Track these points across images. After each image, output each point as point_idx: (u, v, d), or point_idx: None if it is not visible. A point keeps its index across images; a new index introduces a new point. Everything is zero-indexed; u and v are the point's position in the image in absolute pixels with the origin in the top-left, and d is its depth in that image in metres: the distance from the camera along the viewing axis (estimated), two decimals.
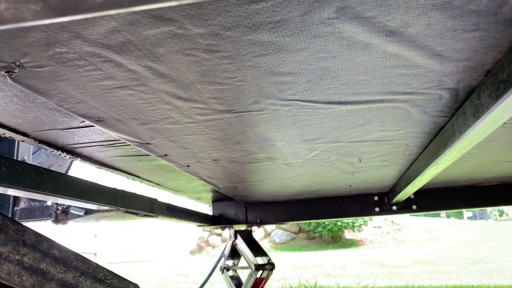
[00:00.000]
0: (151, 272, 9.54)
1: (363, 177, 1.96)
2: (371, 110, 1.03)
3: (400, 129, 1.21)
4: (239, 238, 2.50)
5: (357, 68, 0.79)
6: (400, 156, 1.56)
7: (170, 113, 0.96)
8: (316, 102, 0.96)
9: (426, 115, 1.09)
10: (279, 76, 0.80)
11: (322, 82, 0.85)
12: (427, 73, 0.83)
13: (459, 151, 1.19)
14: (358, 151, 1.45)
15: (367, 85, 0.88)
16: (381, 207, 2.54)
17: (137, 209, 1.57)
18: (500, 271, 6.87)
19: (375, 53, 0.74)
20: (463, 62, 0.80)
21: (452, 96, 0.96)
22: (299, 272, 7.75)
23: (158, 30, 0.61)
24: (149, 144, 1.19)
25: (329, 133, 1.22)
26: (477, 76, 0.86)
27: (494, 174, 2.14)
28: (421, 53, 0.74)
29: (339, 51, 0.72)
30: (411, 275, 6.78)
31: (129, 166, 1.67)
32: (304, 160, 1.54)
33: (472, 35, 0.70)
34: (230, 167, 1.59)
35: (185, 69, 0.74)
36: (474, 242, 11.30)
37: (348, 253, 10.16)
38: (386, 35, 0.68)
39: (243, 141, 1.24)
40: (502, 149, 1.55)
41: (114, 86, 0.80)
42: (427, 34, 0.68)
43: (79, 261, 0.71)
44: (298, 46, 0.69)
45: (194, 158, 1.40)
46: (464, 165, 1.83)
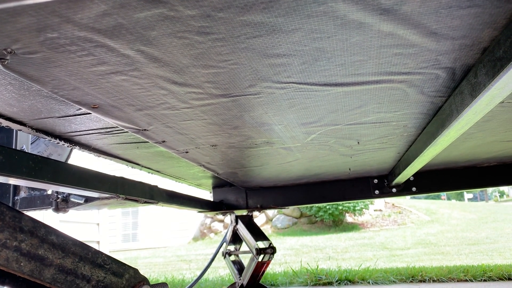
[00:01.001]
0: (155, 259, 9.63)
1: (362, 160, 1.97)
2: (367, 92, 1.03)
3: (397, 110, 1.20)
4: (240, 223, 2.51)
5: (352, 48, 0.78)
6: (399, 138, 1.56)
7: (166, 99, 0.95)
8: (312, 84, 0.95)
9: (423, 95, 1.08)
10: (274, 58, 0.80)
11: (318, 64, 0.84)
12: (423, 52, 0.82)
13: (457, 131, 1.18)
14: (356, 133, 1.45)
15: (363, 66, 0.87)
16: (380, 189, 2.55)
17: (137, 196, 1.57)
18: (501, 251, 6.93)
19: (369, 33, 0.73)
20: (459, 40, 0.79)
21: (449, 75, 0.96)
22: (301, 256, 7.81)
23: (149, 13, 0.61)
24: (146, 130, 1.19)
25: (326, 116, 1.22)
26: (474, 54, 0.86)
27: (494, 155, 2.14)
28: (417, 32, 0.74)
29: (334, 31, 0.71)
30: (412, 257, 6.84)
31: (128, 154, 1.67)
32: (303, 144, 1.54)
33: (467, 12, 0.69)
34: (229, 153, 1.59)
35: (178, 52, 0.74)
36: (474, 223, 11.37)
37: (349, 236, 10.24)
38: (380, 14, 0.67)
39: (241, 125, 1.23)
40: (500, 128, 1.54)
41: (108, 71, 0.79)
42: (422, 12, 0.67)
43: (77, 246, 0.71)
44: (291, 27, 0.69)
45: (192, 144, 1.40)
46: (463, 145, 1.82)
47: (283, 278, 3.56)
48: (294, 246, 9.36)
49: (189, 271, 6.14)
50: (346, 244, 9.09)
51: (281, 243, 9.86)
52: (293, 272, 3.63)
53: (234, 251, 2.72)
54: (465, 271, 3.13)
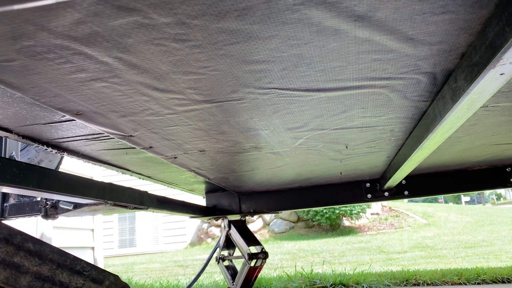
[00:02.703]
0: (151, 264, 9.60)
1: (352, 164, 1.97)
2: (351, 97, 1.04)
3: (382, 114, 1.21)
4: (233, 228, 2.51)
5: (331, 54, 0.79)
6: (387, 142, 1.56)
7: (149, 105, 0.96)
8: (294, 90, 0.96)
9: (406, 100, 1.09)
10: (253, 64, 0.80)
11: (298, 70, 0.85)
12: (402, 57, 0.83)
13: (442, 135, 1.19)
14: (344, 138, 1.45)
15: (343, 71, 0.88)
16: (373, 193, 2.55)
17: (126, 202, 1.57)
18: (497, 254, 6.93)
19: (346, 39, 0.73)
20: (436, 46, 0.80)
21: (430, 80, 0.97)
22: (298, 261, 7.80)
23: (123, 21, 0.61)
24: (132, 136, 1.19)
25: (312, 121, 1.23)
26: (453, 59, 0.86)
27: (484, 158, 2.15)
28: (393, 38, 0.74)
29: (310, 38, 0.72)
30: (408, 261, 6.83)
31: (117, 160, 1.67)
32: (291, 148, 1.55)
33: (441, 18, 0.69)
34: (218, 158, 1.59)
35: (156, 59, 0.74)
36: (471, 226, 11.38)
37: (346, 240, 10.22)
38: (355, 20, 0.67)
39: (227, 131, 1.24)
40: (487, 132, 1.55)
41: (88, 78, 0.79)
42: (396, 18, 0.68)
43: (55, 253, 0.71)
44: (268, 34, 0.69)
45: (180, 150, 1.40)
46: (452, 149, 1.83)
47: (277, 283, 3.56)
48: (291, 250, 9.34)
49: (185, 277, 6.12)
50: (343, 248, 9.08)
51: (278, 248, 9.84)
52: (288, 276, 3.63)
53: (227, 256, 2.72)
54: (459, 274, 3.13)
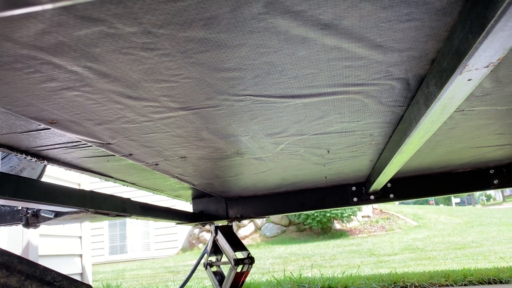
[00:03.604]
0: (142, 271, 9.52)
1: (336, 168, 1.98)
2: (326, 103, 1.04)
3: (360, 120, 1.22)
4: (220, 234, 2.51)
5: (302, 62, 0.80)
6: (368, 146, 1.57)
7: (124, 113, 0.96)
8: (270, 97, 0.96)
9: (382, 105, 1.10)
10: (225, 72, 0.80)
11: (270, 77, 0.85)
12: (373, 64, 0.84)
13: (419, 139, 1.20)
14: (325, 143, 1.46)
15: (316, 78, 0.88)
16: (359, 197, 2.56)
17: (108, 210, 1.56)
18: (486, 254, 6.99)
19: (315, 47, 0.74)
20: (406, 52, 0.81)
21: (403, 85, 0.98)
22: (289, 265, 7.80)
23: (88, 31, 0.61)
24: (110, 144, 1.19)
25: (290, 127, 1.23)
26: (424, 65, 0.87)
27: (466, 161, 2.17)
28: (362, 45, 0.75)
29: (279, 46, 0.73)
30: (399, 263, 6.86)
31: (100, 167, 1.66)
32: (273, 154, 1.55)
33: (408, 25, 0.70)
34: (200, 164, 1.59)
35: (126, 68, 0.74)
36: (461, 228, 11.47)
37: (337, 243, 10.24)
38: (321, 29, 0.68)
39: (206, 137, 1.24)
40: (466, 135, 1.57)
41: (59, 87, 0.79)
42: (362, 26, 0.69)
43: (24, 264, 0.71)
44: (236, 42, 0.70)
45: (160, 156, 1.40)
46: (434, 152, 1.85)
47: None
48: (282, 254, 9.33)
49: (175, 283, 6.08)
50: (334, 251, 9.10)
51: (270, 252, 9.83)
52: (277, 281, 3.62)
53: (215, 262, 2.71)
54: (446, 276, 3.15)
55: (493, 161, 2.29)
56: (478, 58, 0.68)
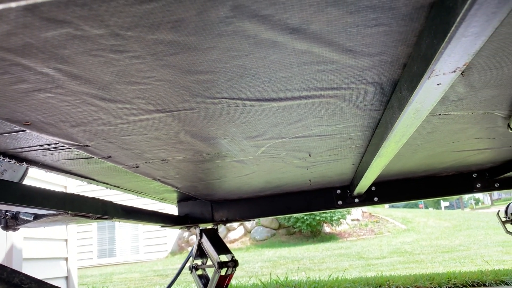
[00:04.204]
0: (131, 274, 9.45)
1: (319, 171, 1.99)
2: (303, 106, 1.05)
3: (338, 123, 1.23)
4: (204, 237, 2.50)
5: (274, 65, 0.80)
6: (348, 150, 1.58)
7: (98, 114, 0.95)
8: (245, 100, 0.97)
9: (358, 109, 1.11)
10: (198, 74, 0.81)
11: (244, 80, 0.86)
12: (345, 68, 0.85)
13: (396, 143, 1.22)
14: (306, 146, 1.47)
15: (290, 82, 0.89)
16: (343, 200, 2.58)
17: (88, 212, 1.55)
18: (472, 258, 7.05)
19: (285, 51, 0.75)
20: (377, 57, 0.82)
21: (377, 90, 0.99)
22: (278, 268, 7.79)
23: (55, 32, 0.61)
24: (88, 146, 1.18)
25: (269, 130, 1.24)
26: (396, 69, 0.89)
27: (449, 164, 2.20)
28: (332, 49, 0.76)
29: (250, 49, 0.73)
30: (387, 266, 6.90)
31: (81, 169, 1.65)
32: (255, 157, 1.56)
33: (376, 30, 0.71)
34: (182, 167, 1.59)
35: (97, 70, 0.74)
36: (449, 231, 11.57)
37: (327, 247, 10.27)
38: (290, 33, 0.69)
39: (185, 140, 1.24)
40: (446, 139, 1.59)
41: (30, 89, 0.79)
42: (331, 31, 0.70)
43: None
44: (206, 45, 0.70)
45: (140, 159, 1.40)
46: (416, 156, 1.87)
47: None
48: (271, 258, 9.32)
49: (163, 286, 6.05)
50: (323, 254, 9.11)
51: (259, 255, 9.82)
52: (263, 284, 3.62)
53: (200, 265, 2.70)
54: (430, 279, 3.18)
55: (475, 165, 2.32)
56: (444, 63, 0.69)
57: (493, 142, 1.75)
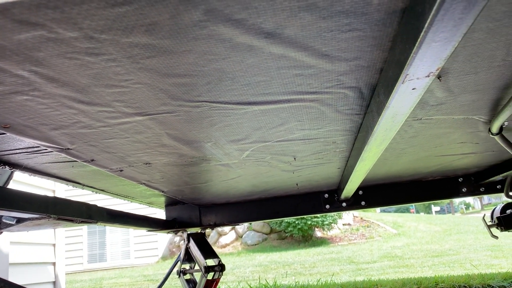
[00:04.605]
0: (121, 279, 9.38)
1: (306, 175, 2.00)
2: (284, 110, 1.06)
3: (320, 127, 1.23)
4: (192, 241, 2.49)
5: (251, 69, 0.81)
6: (333, 154, 1.59)
7: (78, 117, 0.95)
8: (226, 103, 0.97)
9: (339, 113, 1.12)
10: (176, 77, 0.81)
11: (223, 84, 0.86)
12: (323, 72, 0.86)
13: (377, 147, 1.23)
14: (289, 150, 1.48)
15: (269, 86, 0.90)
16: (331, 204, 2.59)
17: (72, 216, 1.54)
18: (462, 262, 7.10)
19: (262, 55, 0.75)
20: (353, 61, 0.83)
21: (357, 94, 1.00)
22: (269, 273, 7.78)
23: (29, 35, 0.61)
24: (70, 149, 1.18)
25: (252, 134, 1.24)
26: (373, 74, 0.90)
27: (434, 169, 2.22)
28: (308, 54, 0.77)
29: (226, 53, 0.74)
30: (377, 270, 6.92)
31: (65, 173, 1.64)
32: (240, 160, 1.56)
33: (350, 35, 0.72)
34: (167, 171, 1.59)
35: (74, 72, 0.74)
36: (439, 236, 11.63)
37: (318, 251, 10.27)
38: (265, 37, 0.70)
39: (168, 143, 1.24)
40: (429, 144, 1.61)
41: (7, 91, 0.79)
42: (305, 35, 0.71)
43: None
44: (182, 48, 0.70)
45: (124, 163, 1.39)
46: (400, 160, 1.88)
47: None
48: (263, 262, 9.30)
49: None
50: (314, 259, 9.12)
51: (250, 260, 9.80)
52: None
53: (188, 270, 2.69)
54: (418, 283, 3.20)
55: (461, 170, 2.34)
56: (417, 67, 0.70)
57: (476, 147, 1.77)
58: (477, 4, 0.53)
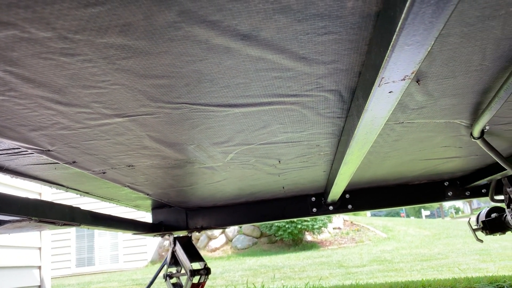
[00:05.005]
0: (109, 283, 9.29)
1: (292, 178, 2.00)
2: (265, 113, 1.06)
3: (303, 130, 1.24)
4: (178, 245, 2.48)
5: (230, 71, 0.81)
6: (317, 157, 1.60)
7: (57, 118, 0.95)
8: (206, 105, 0.97)
9: (321, 116, 1.13)
10: (153, 79, 0.81)
11: (202, 85, 0.86)
12: (302, 75, 0.86)
13: (359, 150, 1.23)
14: (274, 152, 1.48)
15: (249, 88, 0.90)
16: (318, 207, 2.59)
17: (54, 218, 1.53)
18: (450, 266, 7.14)
19: (240, 57, 0.76)
20: (331, 65, 0.83)
21: (337, 97, 1.00)
22: (259, 277, 7.76)
23: (1, 34, 0.61)
24: (50, 151, 1.17)
25: (235, 136, 1.24)
26: (352, 77, 0.90)
27: (419, 173, 2.23)
28: (285, 56, 0.77)
29: (203, 55, 0.74)
30: (366, 274, 6.93)
31: (48, 175, 1.63)
32: (224, 163, 1.56)
33: (326, 38, 0.73)
34: (150, 173, 1.58)
35: (50, 73, 0.74)
36: (428, 240, 11.70)
37: (308, 255, 10.28)
38: (242, 39, 0.70)
39: (150, 146, 1.24)
40: (413, 148, 1.62)
41: None
42: (282, 38, 0.71)
43: None
44: (158, 49, 0.70)
45: (106, 165, 1.38)
46: (385, 164, 1.89)
47: None
48: (252, 266, 9.28)
49: None
50: (304, 263, 9.11)
51: (240, 264, 9.77)
52: None
53: (175, 273, 2.68)
54: (405, 287, 3.21)
55: (446, 174, 2.36)
56: (391, 71, 0.71)
57: (460, 151, 1.78)
58: (445, 8, 0.54)
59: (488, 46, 0.84)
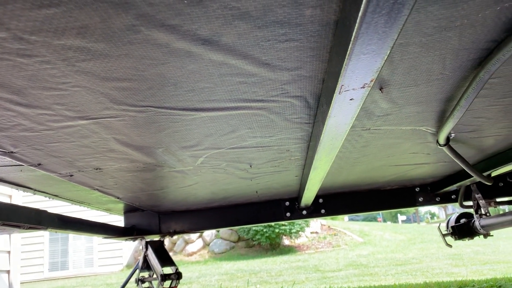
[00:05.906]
0: None
1: (264, 183, 2.01)
2: (233, 117, 1.06)
3: (271, 135, 1.25)
4: (150, 249, 2.45)
5: (194, 75, 0.81)
6: (288, 162, 1.61)
7: (18, 120, 0.93)
8: (171, 109, 0.97)
9: (289, 122, 1.14)
10: (115, 81, 0.80)
11: (166, 89, 0.86)
12: (266, 81, 0.87)
13: (327, 155, 1.25)
14: (244, 157, 1.48)
15: (213, 93, 0.90)
16: (292, 212, 2.61)
17: (19, 221, 1.49)
18: (424, 270, 7.27)
19: (202, 61, 0.76)
20: (294, 71, 0.84)
21: (303, 103, 1.01)
22: (235, 281, 7.73)
23: None
24: (13, 153, 1.14)
25: (204, 140, 1.24)
26: (316, 84, 0.91)
27: (390, 178, 2.27)
28: (248, 62, 0.78)
29: (165, 58, 0.74)
30: (342, 279, 6.99)
31: (13, 177, 1.59)
32: (194, 167, 1.55)
33: (288, 45, 0.74)
34: (119, 176, 1.56)
35: (7, 73, 0.72)
36: (404, 244, 11.88)
37: (285, 259, 10.30)
38: (202, 44, 0.70)
39: (117, 149, 1.22)
40: (382, 153, 1.64)
41: None
42: (243, 44, 0.71)
43: None
44: (118, 52, 0.70)
45: (73, 167, 1.36)
46: (356, 169, 1.92)
47: None
48: (229, 271, 9.24)
49: None
50: (281, 267, 9.13)
51: (217, 268, 9.71)
52: None
53: (147, 278, 2.64)
54: None
55: (417, 179, 2.41)
56: (350, 78, 0.72)
57: (428, 157, 1.82)
58: (398, 18, 0.55)
59: (447, 56, 0.87)
